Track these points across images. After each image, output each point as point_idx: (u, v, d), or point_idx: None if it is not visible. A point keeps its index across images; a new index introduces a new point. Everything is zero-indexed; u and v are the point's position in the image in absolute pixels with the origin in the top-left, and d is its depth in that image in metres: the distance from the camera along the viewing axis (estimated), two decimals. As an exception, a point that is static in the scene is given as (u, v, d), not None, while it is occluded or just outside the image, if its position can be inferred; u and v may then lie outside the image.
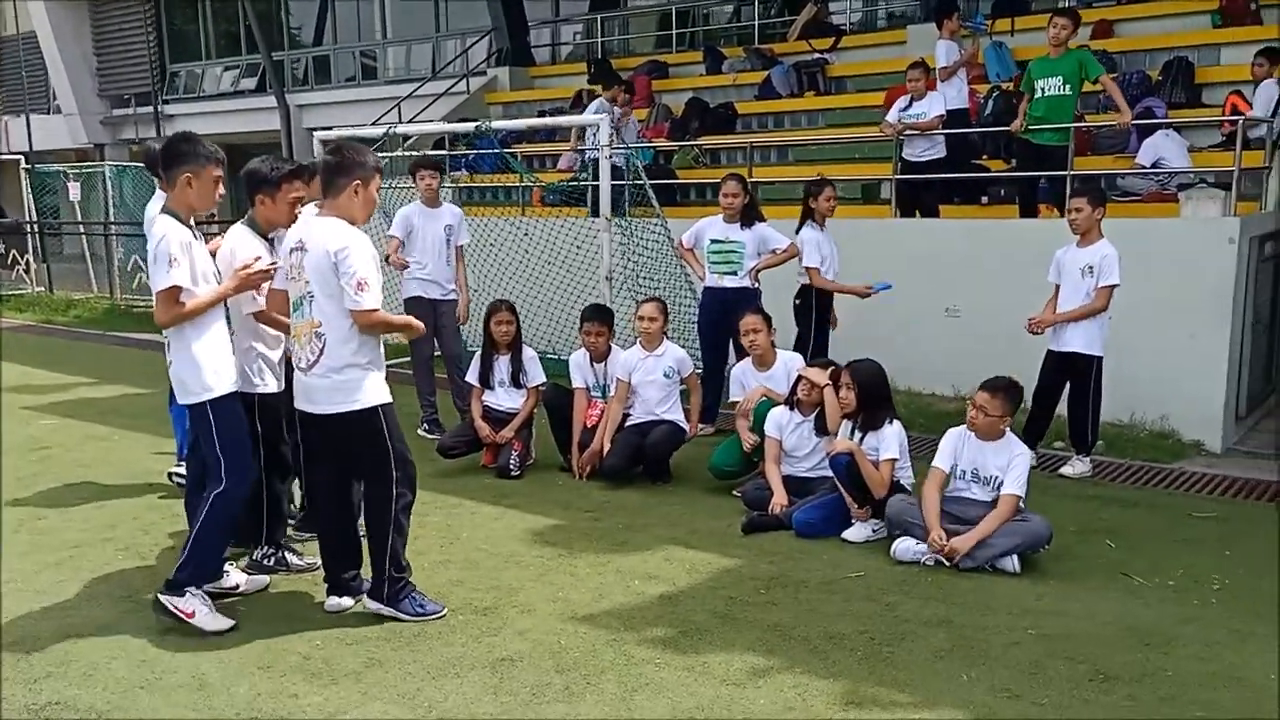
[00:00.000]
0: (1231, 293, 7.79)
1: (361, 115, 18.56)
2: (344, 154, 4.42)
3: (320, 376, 4.36)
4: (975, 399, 5.37)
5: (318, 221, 4.41)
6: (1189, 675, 3.98)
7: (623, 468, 6.58)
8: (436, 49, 20.51)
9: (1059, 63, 8.56)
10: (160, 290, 4.30)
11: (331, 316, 4.33)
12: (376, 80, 21.65)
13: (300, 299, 4.41)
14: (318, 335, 4.35)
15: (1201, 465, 7.28)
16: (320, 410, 4.40)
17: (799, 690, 3.88)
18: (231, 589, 4.81)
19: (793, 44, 14.88)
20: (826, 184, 7.82)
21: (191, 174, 4.40)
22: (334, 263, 4.27)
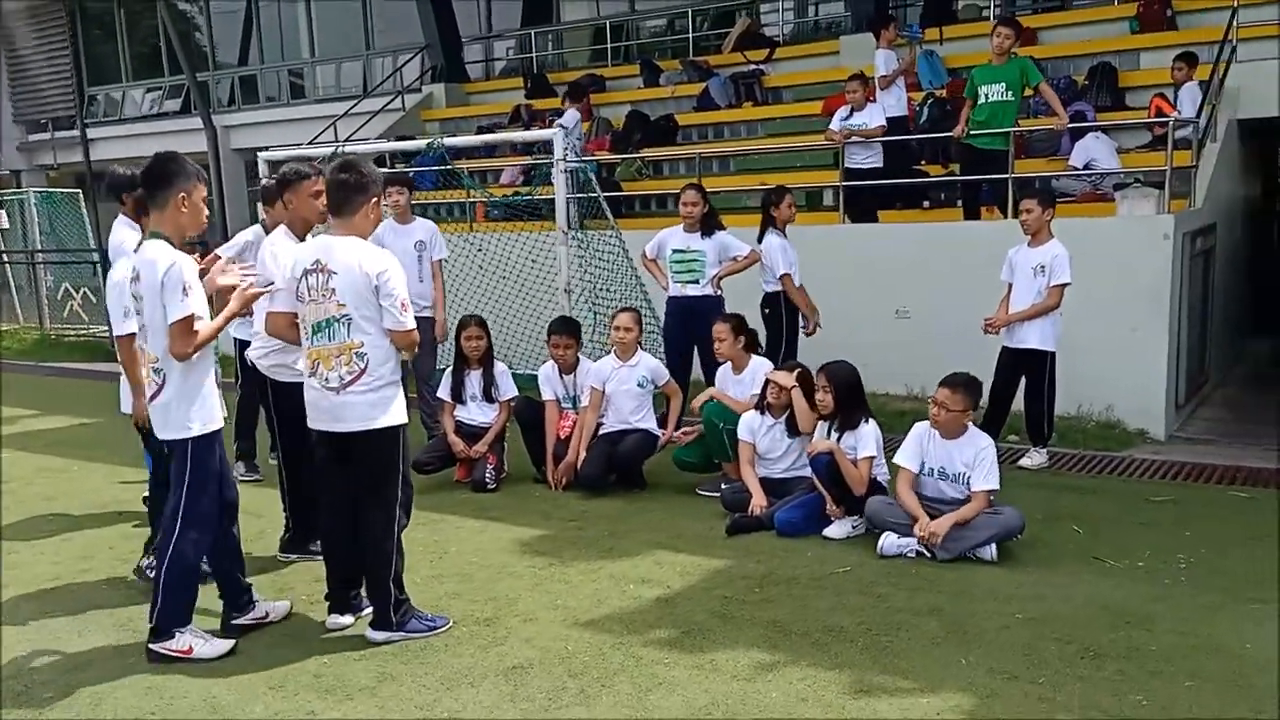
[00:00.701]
0: (1168, 287, 8.14)
1: (292, 135, 18.38)
2: (358, 172, 4.43)
3: (358, 395, 4.38)
4: (936, 396, 5.55)
5: (339, 243, 4.40)
6: (1171, 649, 4.19)
7: (599, 477, 6.67)
8: (367, 67, 20.39)
9: (1002, 70, 8.86)
10: (178, 320, 4.20)
11: (373, 336, 4.36)
12: (306, 99, 21.45)
13: (329, 320, 4.38)
14: (359, 355, 4.36)
15: (1148, 452, 7.60)
16: (350, 428, 4.41)
17: (808, 682, 4.00)
18: (263, 618, 4.75)
19: (728, 56, 15.12)
20: (786, 192, 8.01)
21: (185, 194, 4.33)
22: (375, 285, 4.31)
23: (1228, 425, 8.63)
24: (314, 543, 5.39)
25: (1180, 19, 12.12)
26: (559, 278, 8.96)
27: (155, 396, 4.38)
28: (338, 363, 4.40)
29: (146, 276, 4.27)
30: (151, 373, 4.38)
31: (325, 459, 4.60)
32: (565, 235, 8.93)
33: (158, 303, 4.25)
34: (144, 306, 4.32)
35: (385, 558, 4.47)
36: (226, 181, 21.31)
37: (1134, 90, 11.46)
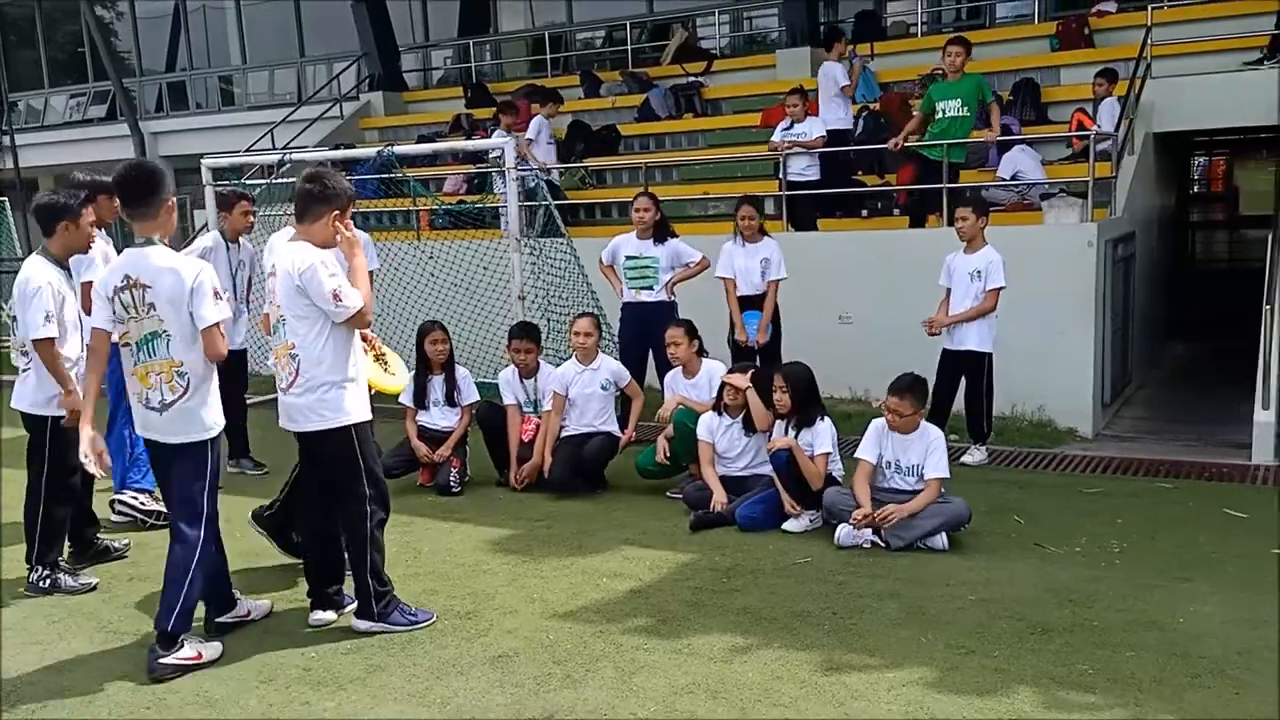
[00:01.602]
0: (1093, 292, 8.59)
1: (223, 142, 18.21)
2: (325, 183, 4.58)
3: (298, 396, 4.53)
4: (888, 403, 5.83)
5: (287, 246, 4.55)
6: (1112, 624, 4.53)
7: (568, 478, 6.86)
8: (301, 74, 20.31)
9: (958, 86, 9.25)
10: (217, 324, 4.36)
11: (303, 336, 4.49)
12: (237, 106, 21.26)
13: (277, 322, 4.57)
14: (292, 357, 4.52)
15: (1079, 449, 8.02)
16: (299, 428, 4.58)
17: (781, 662, 4.26)
18: (245, 615, 4.86)
19: (666, 68, 15.41)
20: (743, 201, 8.23)
21: (173, 201, 4.46)
22: (298, 284, 4.44)
23: (1150, 423, 9.12)
24: None
25: (1097, 37, 12.72)
26: (513, 285, 9.12)
27: (177, 401, 4.39)
28: (284, 362, 4.58)
29: (167, 285, 4.31)
30: (176, 377, 4.38)
31: (301, 459, 4.77)
32: (519, 242, 9.10)
33: (183, 309, 4.33)
34: (158, 313, 4.34)
35: (360, 551, 4.63)
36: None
37: (1055, 105, 11.99)
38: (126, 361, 4.49)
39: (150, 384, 4.41)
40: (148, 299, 4.35)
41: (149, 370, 4.41)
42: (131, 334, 4.41)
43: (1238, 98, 10.39)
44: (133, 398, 4.51)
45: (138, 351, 4.42)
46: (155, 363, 4.40)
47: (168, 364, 4.39)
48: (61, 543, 5.48)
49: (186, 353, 4.38)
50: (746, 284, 8.05)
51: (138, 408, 4.49)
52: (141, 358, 4.42)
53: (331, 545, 4.80)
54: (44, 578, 5.36)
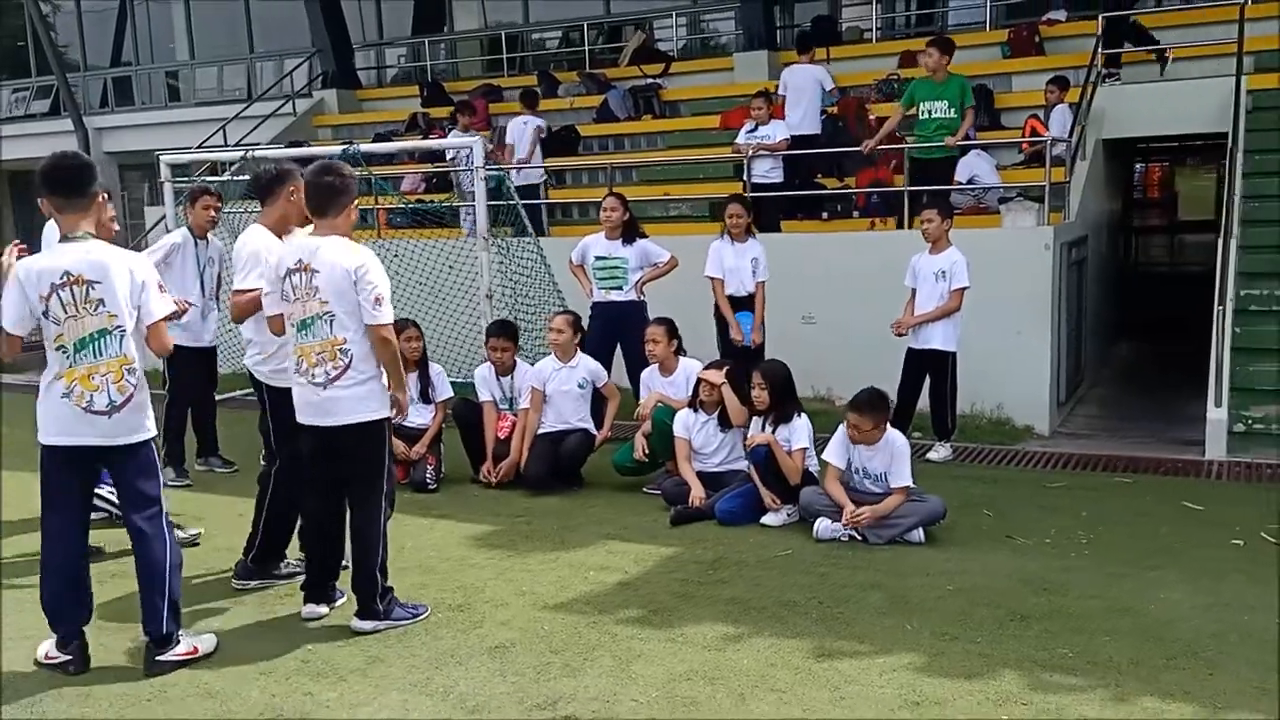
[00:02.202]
0: (1049, 294, 8.84)
1: (170, 138, 17.93)
2: (340, 175, 4.62)
3: (344, 389, 4.55)
4: (849, 419, 5.92)
5: (322, 242, 4.57)
6: (1087, 611, 4.72)
7: (545, 476, 6.93)
8: (251, 70, 20.10)
9: (943, 88, 9.39)
10: (164, 317, 4.42)
11: (354, 331, 4.55)
12: (185, 102, 20.97)
13: (313, 318, 4.56)
14: (342, 352, 4.54)
15: (1038, 446, 8.26)
16: (339, 422, 4.58)
17: (774, 649, 4.38)
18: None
19: (624, 69, 15.51)
20: (730, 201, 8.27)
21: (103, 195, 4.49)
22: (354, 280, 4.49)
23: (1103, 421, 9.41)
24: (279, 564, 5.37)
25: (1047, 45, 13.06)
26: (481, 284, 9.16)
27: (130, 400, 4.26)
28: (325, 358, 4.57)
29: (116, 278, 4.18)
30: (126, 374, 4.25)
31: (311, 453, 4.76)
32: (486, 241, 9.14)
33: (135, 303, 4.25)
34: (110, 308, 4.19)
35: (373, 547, 4.67)
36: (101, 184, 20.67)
37: (1008, 111, 12.30)
38: (57, 364, 4.23)
39: (95, 385, 4.20)
40: (93, 295, 4.17)
41: (92, 372, 4.20)
42: (68, 334, 4.19)
43: (1183, 106, 10.77)
44: (60, 403, 4.23)
45: (75, 352, 4.20)
46: (102, 363, 4.21)
47: (119, 362, 4.23)
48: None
49: (133, 349, 4.27)
50: (735, 284, 8.10)
51: (71, 411, 4.21)
52: (81, 359, 4.21)
53: (335, 542, 4.83)
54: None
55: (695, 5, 16.38)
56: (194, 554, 5.69)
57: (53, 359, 4.25)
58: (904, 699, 3.91)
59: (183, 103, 21.01)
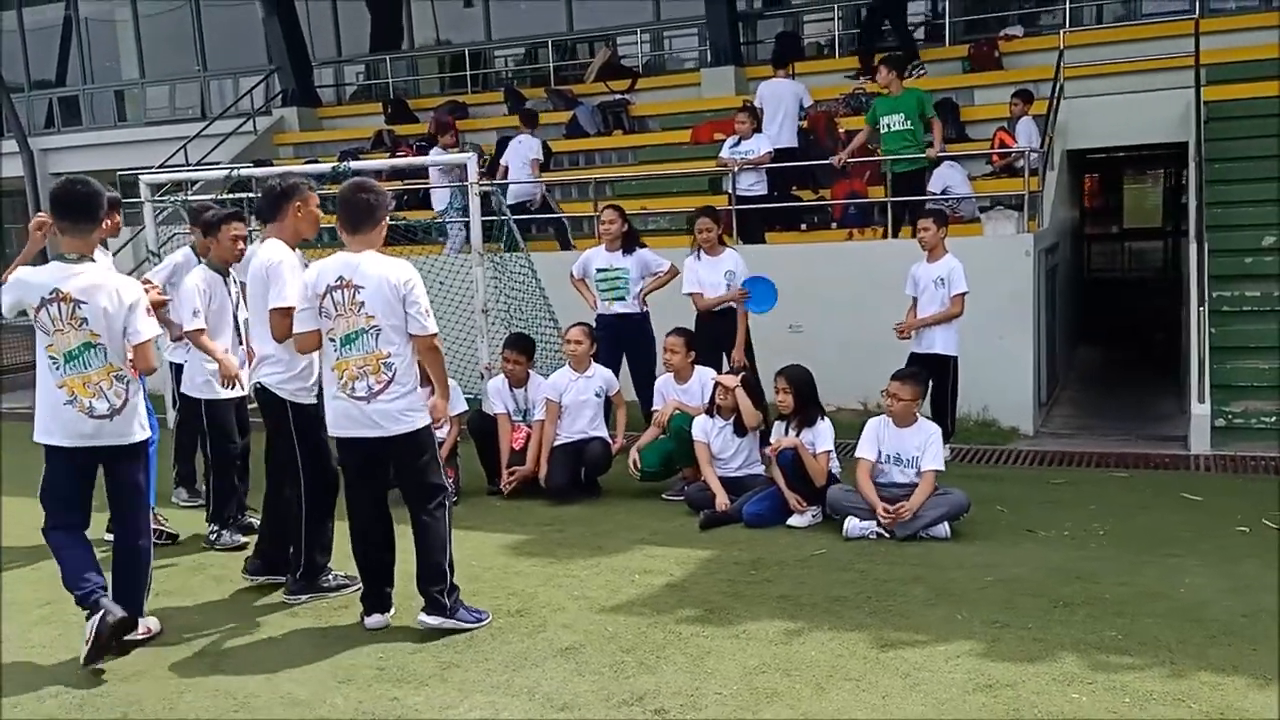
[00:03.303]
0: (1030, 299, 9.18)
1: (120, 159, 17.72)
2: (375, 192, 4.75)
3: (389, 401, 4.65)
4: (888, 388, 6.27)
5: (361, 257, 4.66)
6: (1121, 596, 4.96)
7: (568, 485, 7.05)
8: (205, 88, 19.91)
9: (900, 101, 9.77)
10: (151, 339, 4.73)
11: (398, 345, 4.66)
12: (135, 121, 20.67)
13: (358, 332, 4.65)
14: (386, 365, 4.64)
15: (1028, 445, 8.56)
16: (386, 433, 4.68)
17: (837, 641, 4.55)
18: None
19: (590, 85, 15.68)
20: (700, 213, 8.32)
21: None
22: (403, 294, 4.59)
23: (1080, 420, 9.77)
24: (326, 576, 5.41)
25: (1005, 60, 13.50)
26: (476, 299, 9.23)
27: (124, 407, 4.62)
28: (363, 372, 4.66)
29: (101, 300, 4.51)
30: (115, 381, 4.59)
31: (355, 465, 4.84)
32: (481, 257, 9.22)
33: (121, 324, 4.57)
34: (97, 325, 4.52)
35: (438, 545, 4.78)
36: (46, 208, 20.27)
37: (971, 124, 12.68)
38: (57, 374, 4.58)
39: (91, 392, 4.55)
40: (78, 313, 4.50)
41: (86, 380, 4.55)
42: (57, 345, 4.54)
43: (1141, 117, 11.23)
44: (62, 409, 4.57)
45: (66, 363, 4.55)
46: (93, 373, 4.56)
47: (112, 369, 4.59)
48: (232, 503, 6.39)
49: (119, 358, 4.62)
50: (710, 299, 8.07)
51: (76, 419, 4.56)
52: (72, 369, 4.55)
53: (385, 549, 4.92)
54: (213, 532, 6.31)
55: (659, 22, 16.60)
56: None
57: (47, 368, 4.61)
58: (974, 683, 4.10)
59: (132, 122, 20.71)
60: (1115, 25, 13.06)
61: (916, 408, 6.25)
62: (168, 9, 20.28)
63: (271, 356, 5.25)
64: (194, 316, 6.16)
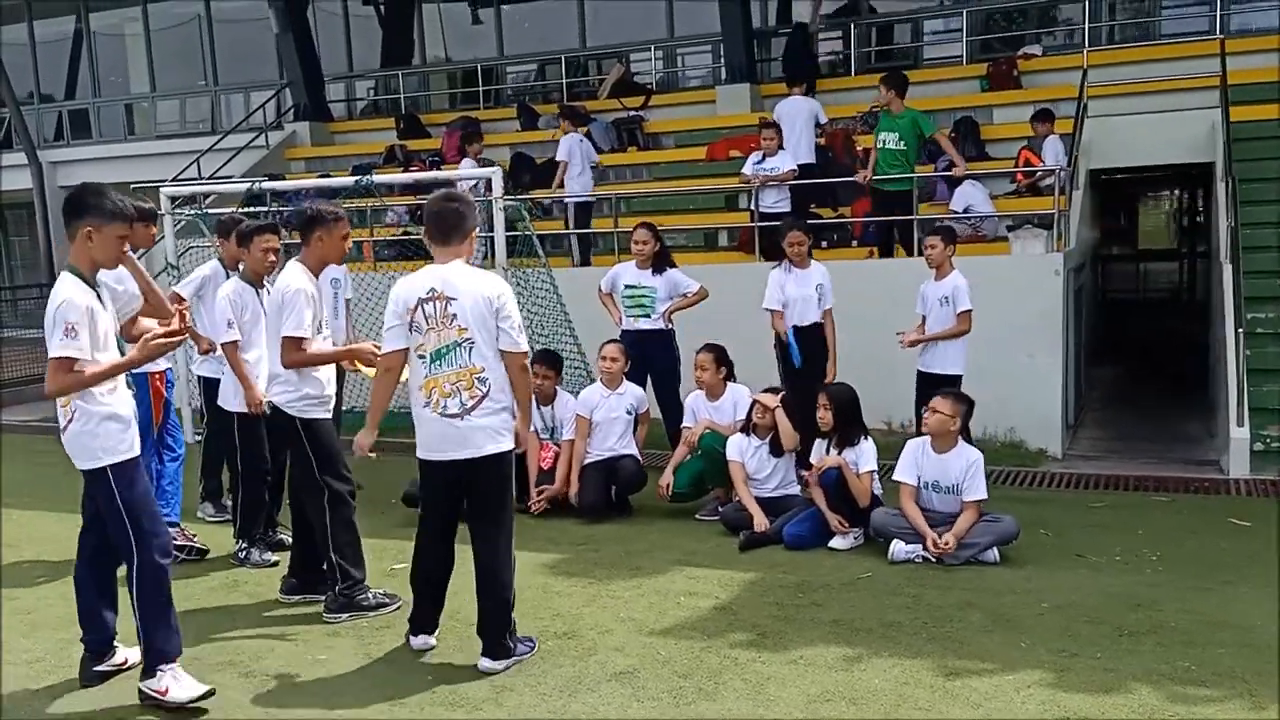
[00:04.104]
0: (1060, 318, 9.07)
1: (130, 172, 17.65)
2: (464, 202, 4.63)
3: (481, 418, 4.49)
4: (930, 405, 6.18)
5: (451, 269, 4.51)
6: (1187, 625, 4.82)
7: (601, 503, 6.92)
8: (216, 103, 19.84)
9: (896, 120, 9.73)
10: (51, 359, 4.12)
11: (490, 360, 4.49)
12: (144, 135, 20.58)
13: (450, 346, 4.47)
14: (480, 380, 4.48)
15: (1059, 467, 8.43)
16: (477, 453, 4.51)
17: (899, 669, 4.41)
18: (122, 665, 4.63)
19: (604, 102, 15.62)
20: (790, 227, 8.01)
21: (93, 228, 4.14)
22: (496, 307, 4.46)
23: (1107, 443, 9.63)
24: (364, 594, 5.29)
25: (1024, 78, 13.46)
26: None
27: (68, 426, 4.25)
28: (456, 388, 4.48)
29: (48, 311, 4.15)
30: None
31: (436, 488, 4.67)
32: (505, 271, 9.11)
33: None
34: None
35: (506, 585, 4.59)
36: (54, 220, 20.16)
37: (991, 143, 12.62)
38: None
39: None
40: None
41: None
42: None
43: (1166, 137, 11.18)
44: None
45: None
46: None
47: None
48: (260, 519, 6.24)
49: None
50: (795, 314, 7.88)
51: None
52: None
53: (446, 581, 4.80)
54: (242, 549, 6.17)
55: (672, 39, 16.55)
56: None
57: None
58: (1049, 715, 3.97)
59: (141, 135, 20.64)
60: (1135, 45, 13.02)
61: (955, 426, 6.11)
62: (178, 23, 20.26)
63: (280, 376, 5.24)
64: (229, 328, 6.06)
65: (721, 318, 8.38)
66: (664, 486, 6.95)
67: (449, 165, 14.60)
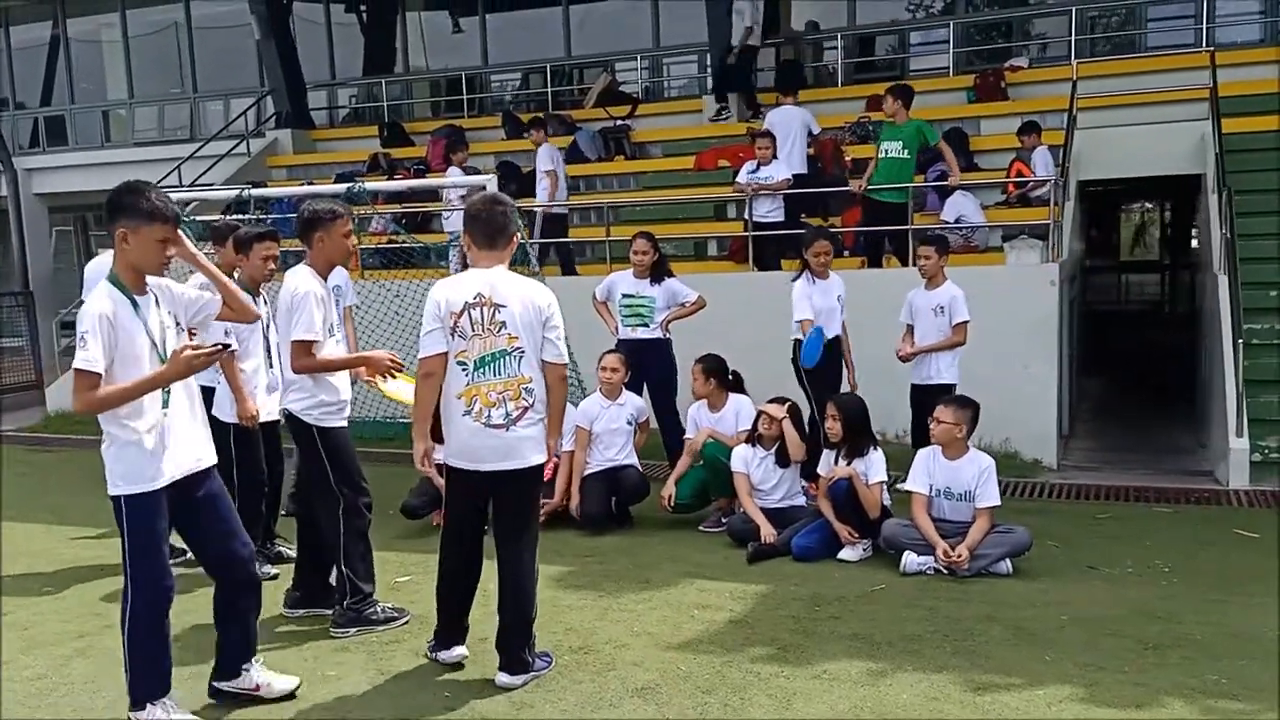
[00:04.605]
0: (1055, 329, 9.07)
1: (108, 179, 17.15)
2: (509, 205, 4.51)
3: (525, 429, 4.37)
4: (935, 414, 6.13)
5: (498, 275, 4.38)
6: (1210, 638, 4.77)
7: (602, 515, 6.82)
8: (195, 110, 19.60)
9: (900, 130, 9.70)
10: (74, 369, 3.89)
11: (535, 370, 4.37)
12: (122, 142, 20.29)
13: (498, 354, 4.33)
14: (527, 391, 4.36)
15: (1057, 478, 8.41)
16: (521, 465, 4.39)
17: (926, 684, 4.32)
18: (252, 690, 4.32)
19: (590, 111, 15.55)
20: (817, 236, 7.86)
21: (126, 231, 3.88)
22: (545, 316, 4.34)
23: (1101, 454, 9.63)
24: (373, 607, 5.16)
25: (1011, 90, 13.51)
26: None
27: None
28: (503, 398, 4.34)
29: None
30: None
31: (468, 500, 4.54)
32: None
33: None
34: None
35: (530, 600, 4.48)
36: (29, 228, 19.85)
37: (979, 154, 12.65)
38: None
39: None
40: None
41: None
42: None
43: (1156, 149, 11.22)
44: None
45: None
46: None
47: None
48: (258, 532, 5.81)
49: None
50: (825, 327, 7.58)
51: None
52: None
53: (472, 594, 4.69)
54: None
55: (658, 48, 16.51)
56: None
57: None
58: (1084, 730, 3.90)
59: (119, 143, 20.34)
60: (1123, 57, 13.09)
61: (961, 433, 6.06)
62: (156, 29, 20.03)
63: (295, 382, 5.10)
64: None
65: (716, 328, 8.34)
66: (666, 498, 6.87)
67: (434, 173, 14.53)
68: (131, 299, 3.90)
